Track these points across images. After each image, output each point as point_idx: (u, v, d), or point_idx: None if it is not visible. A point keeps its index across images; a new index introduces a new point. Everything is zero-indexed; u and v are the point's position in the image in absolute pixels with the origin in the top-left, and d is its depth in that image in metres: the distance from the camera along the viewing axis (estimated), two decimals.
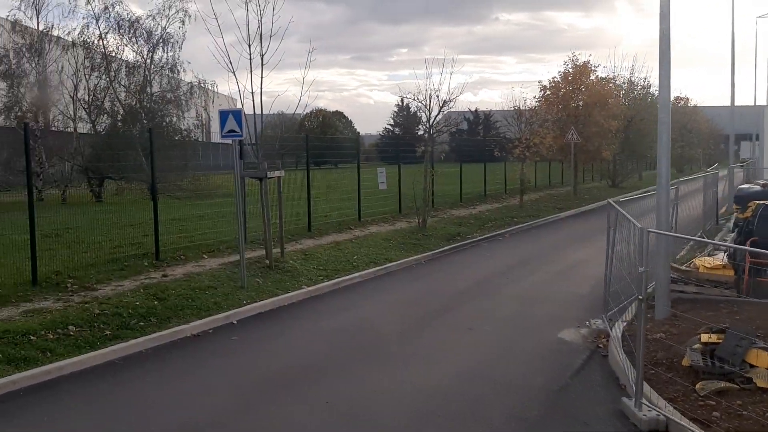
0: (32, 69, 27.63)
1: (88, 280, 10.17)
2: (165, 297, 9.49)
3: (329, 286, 11.38)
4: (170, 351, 7.97)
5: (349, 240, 15.11)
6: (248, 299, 10.04)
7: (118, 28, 27.57)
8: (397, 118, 78.06)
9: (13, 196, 21.27)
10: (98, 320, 8.36)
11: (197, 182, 27.41)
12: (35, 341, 7.53)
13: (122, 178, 26.27)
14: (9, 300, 9.03)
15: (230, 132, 10.40)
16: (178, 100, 29.02)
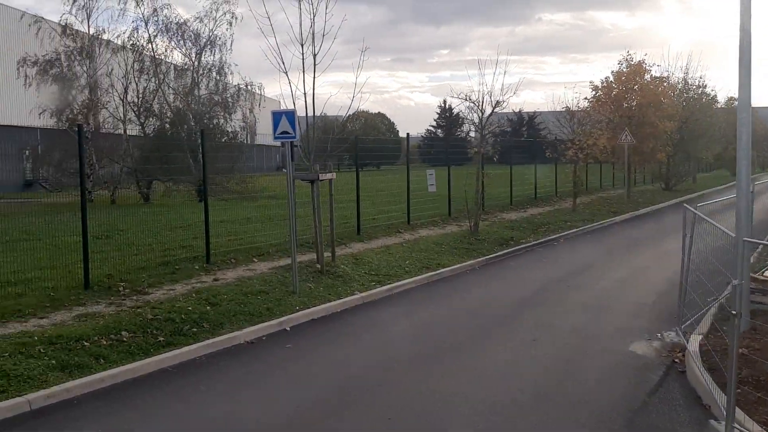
0: (83, 72, 28.06)
1: (140, 284, 10.03)
2: (217, 302, 9.27)
3: (382, 292, 11.04)
4: (224, 359, 7.72)
5: (399, 244, 14.75)
6: (301, 305, 9.76)
7: (167, 31, 27.87)
8: (439, 119, 77.59)
9: (65, 197, 21.58)
10: (151, 326, 8.17)
11: (244, 184, 27.46)
12: (88, 347, 7.37)
13: (170, 180, 26.48)
14: (62, 304, 8.93)
15: (283, 133, 10.15)
16: (225, 102, 29.15)
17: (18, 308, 8.51)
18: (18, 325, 7.97)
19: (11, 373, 6.52)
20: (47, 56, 27.14)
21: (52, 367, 6.82)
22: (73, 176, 27.80)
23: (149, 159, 26.57)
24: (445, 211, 19.57)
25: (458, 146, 40.02)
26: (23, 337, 7.41)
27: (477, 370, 7.26)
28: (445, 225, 18.06)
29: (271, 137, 10.22)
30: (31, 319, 8.23)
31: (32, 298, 9.03)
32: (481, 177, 17.08)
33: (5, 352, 6.92)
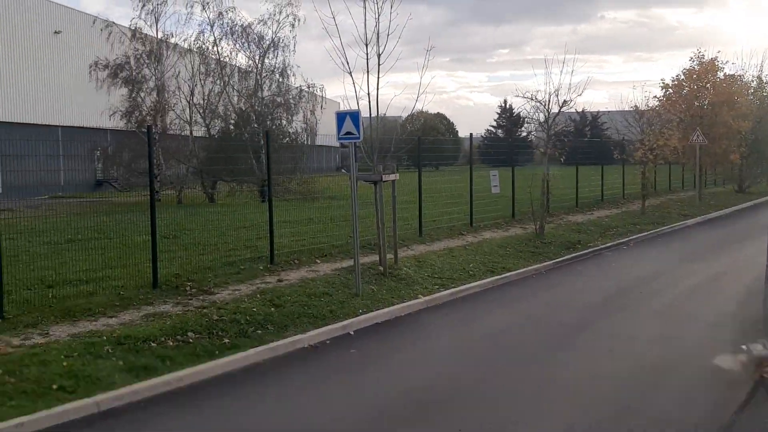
0: (151, 75, 28.80)
1: (206, 284, 10.08)
2: (281, 303, 9.22)
3: (446, 296, 10.78)
4: (289, 363, 7.64)
5: (463, 246, 14.45)
6: (364, 308, 9.61)
7: (231, 34, 28.30)
8: (499, 119, 76.67)
9: (133, 197, 22.15)
10: (216, 327, 8.16)
11: (305, 184, 27.64)
12: (155, 348, 7.39)
13: (233, 181, 26.88)
14: (131, 303, 9.04)
15: (347, 134, 10.03)
16: (287, 103, 29.39)
17: (88, 307, 8.65)
18: (88, 324, 8.08)
19: (80, 374, 6.57)
20: (117, 60, 27.97)
21: (119, 368, 6.85)
22: (141, 176, 28.55)
23: (214, 160, 27.04)
24: (508, 213, 19.15)
25: (520, 146, 39.29)
26: (92, 337, 7.49)
27: (549, 382, 6.94)
28: (509, 227, 17.64)
29: (331, 138, 10.14)
30: (101, 318, 8.34)
31: (102, 296, 9.18)
32: (547, 178, 16.58)
33: (75, 352, 7.01)
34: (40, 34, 34.18)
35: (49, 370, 6.56)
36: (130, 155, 28.34)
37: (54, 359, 6.78)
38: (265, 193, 24.65)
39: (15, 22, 32.73)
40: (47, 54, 34.55)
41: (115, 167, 30.17)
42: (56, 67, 34.88)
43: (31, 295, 9.06)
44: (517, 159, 20.26)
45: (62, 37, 35.30)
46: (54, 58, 34.86)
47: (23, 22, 33.20)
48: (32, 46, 33.62)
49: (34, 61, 33.68)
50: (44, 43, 34.40)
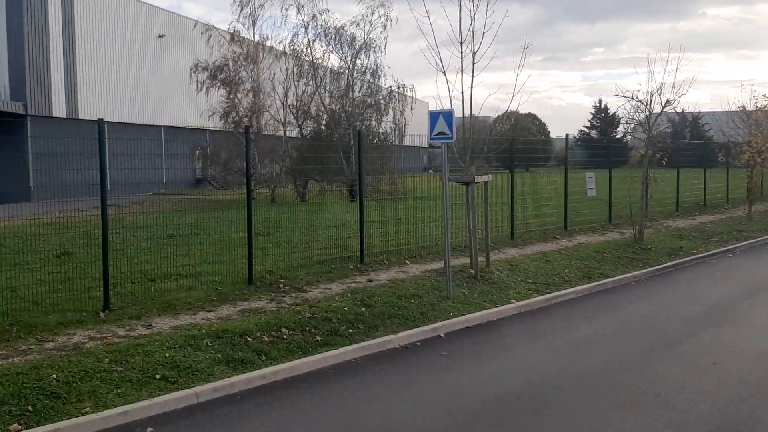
0: (248, 77, 29.70)
1: (298, 282, 10.25)
2: (372, 303, 9.23)
3: (540, 302, 10.49)
4: (379, 362, 7.63)
5: (557, 251, 14.03)
6: (455, 311, 9.48)
7: (325, 36, 28.77)
8: (594, 120, 74.40)
9: (230, 195, 22.92)
10: (309, 324, 8.26)
11: (393, 185, 27.75)
12: (251, 343, 7.56)
13: (324, 180, 27.34)
14: (228, 298, 9.30)
15: (439, 134, 9.93)
16: (378, 104, 29.60)
17: (188, 301, 8.97)
18: (188, 317, 8.37)
19: (181, 365, 6.80)
20: (216, 62, 29.02)
21: (218, 361, 7.05)
22: (237, 175, 29.56)
23: (306, 160, 27.58)
24: (604, 216, 18.48)
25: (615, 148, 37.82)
26: (192, 330, 7.75)
27: (650, 394, 6.58)
28: (605, 232, 17.01)
29: (419, 138, 10.11)
30: (200, 312, 8.62)
31: (201, 291, 9.50)
32: (648, 181, 15.86)
33: (176, 344, 7.26)
34: (145, 38, 36.00)
35: (153, 360, 6.82)
36: (227, 154, 29.38)
37: (157, 350, 7.05)
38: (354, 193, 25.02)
39: (123, 26, 34.61)
40: (151, 57, 36.35)
41: (213, 166, 31.38)
42: (159, 69, 36.64)
43: (134, 288, 9.49)
44: (613, 161, 19.48)
45: (165, 40, 37.05)
46: (157, 61, 36.64)
47: (130, 27, 35.06)
48: (138, 49, 35.46)
49: (140, 64, 35.53)
50: (149, 46, 36.21)
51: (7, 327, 7.49)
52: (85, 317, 8.05)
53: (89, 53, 32.52)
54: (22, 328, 7.53)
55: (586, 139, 68.44)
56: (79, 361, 6.57)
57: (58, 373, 6.30)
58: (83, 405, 5.88)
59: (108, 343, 7.17)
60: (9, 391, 5.91)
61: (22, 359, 6.65)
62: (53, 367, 6.41)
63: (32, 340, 7.25)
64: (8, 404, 5.73)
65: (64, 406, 5.83)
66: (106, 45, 33.57)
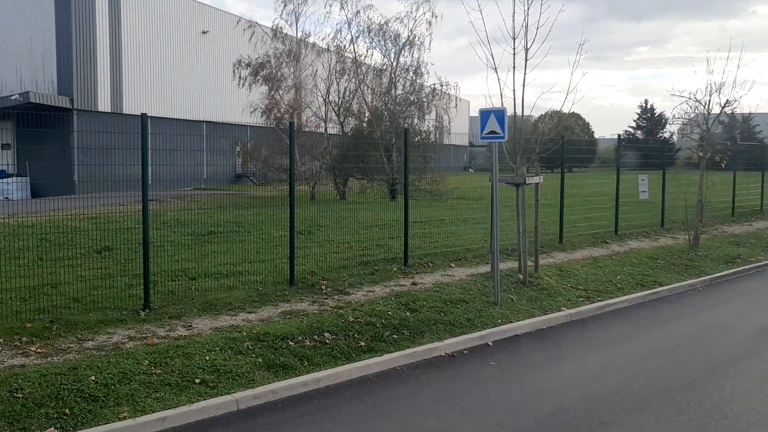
0: (290, 73, 29.61)
1: (340, 284, 9.96)
2: (417, 308, 8.89)
3: (592, 310, 10.01)
4: (425, 371, 7.28)
5: (608, 256, 13.47)
6: (503, 318, 9.08)
7: (368, 32, 28.50)
8: (639, 120, 72.82)
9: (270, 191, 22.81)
10: (352, 328, 7.97)
11: (436, 184, 27.31)
12: (293, 347, 7.29)
13: (364, 178, 27.06)
14: (269, 299, 9.06)
15: (490, 133, 9.53)
16: (420, 101, 29.20)
17: (229, 301, 8.76)
18: (228, 318, 8.15)
19: (221, 369, 6.57)
20: (259, 59, 29.01)
21: (258, 366, 6.80)
22: (277, 171, 29.53)
23: (346, 157, 27.35)
24: (655, 220, 17.79)
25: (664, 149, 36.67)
26: (233, 332, 7.52)
27: (717, 416, 6.10)
28: (658, 237, 16.34)
29: (459, 136, 9.68)
30: (241, 313, 8.39)
31: (242, 291, 9.28)
32: (706, 184, 15.14)
33: (216, 347, 7.03)
34: (189, 34, 36.24)
35: (192, 363, 6.60)
36: (268, 151, 29.36)
37: (197, 352, 6.83)
38: (395, 192, 24.70)
39: (168, 22, 34.89)
40: (194, 53, 36.58)
41: (253, 162, 31.40)
42: (202, 65, 36.85)
43: (175, 286, 9.33)
44: (662, 163, 18.72)
45: (208, 36, 37.24)
46: (200, 57, 36.85)
47: (175, 23, 35.32)
48: (182, 45, 35.71)
49: (183, 60, 35.78)
50: (192, 42, 36.44)
51: (47, 324, 7.37)
52: (125, 316, 7.90)
53: (134, 48, 32.86)
54: (62, 325, 7.40)
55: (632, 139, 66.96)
56: (118, 362, 6.39)
57: (97, 374, 6.12)
58: (121, 409, 5.68)
59: (147, 344, 6.98)
60: (47, 392, 5.74)
61: (61, 358, 6.49)
62: (92, 367, 6.24)
63: (72, 338, 7.11)
64: (45, 406, 5.56)
65: (101, 410, 5.64)
66: (151, 40, 33.88)
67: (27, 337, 6.99)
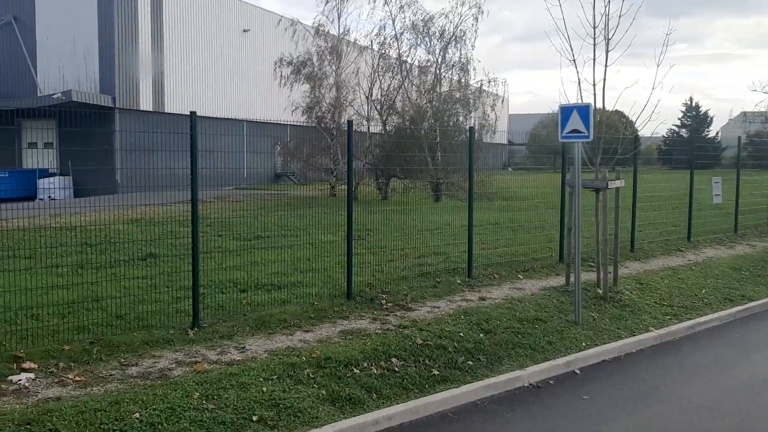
0: (332, 71, 28.87)
1: (401, 298, 9.08)
2: (490, 329, 7.97)
3: (682, 330, 8.96)
4: (510, 406, 6.36)
5: (686, 266, 12.35)
6: (587, 340, 8.11)
7: (413, 28, 27.57)
8: (684, 118, 70.61)
9: (311, 191, 22.12)
10: (422, 353, 7.09)
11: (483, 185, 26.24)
12: (358, 375, 6.44)
13: (407, 178, 26.15)
14: (325, 315, 8.23)
15: (572, 132, 8.55)
16: (466, 99, 28.18)
17: (283, 318, 7.95)
18: (284, 338, 7.35)
19: (281, 403, 5.75)
20: (300, 56, 28.34)
21: (322, 399, 5.96)
22: (318, 171, 28.84)
23: (389, 156, 26.50)
24: (726, 226, 16.54)
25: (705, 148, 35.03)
26: (290, 356, 6.70)
27: None
28: (733, 244, 15.11)
29: (498, 134, 8.73)
30: (297, 331, 7.58)
31: (296, 306, 8.47)
32: None
33: (274, 374, 6.22)
34: (230, 33, 35.78)
35: (249, 395, 5.79)
36: (309, 150, 28.69)
37: (253, 382, 6.03)
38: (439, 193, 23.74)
39: (209, 21, 34.48)
40: (235, 51, 36.11)
41: (294, 161, 30.78)
42: (243, 63, 36.38)
43: (225, 299, 8.56)
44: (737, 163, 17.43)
45: (249, 35, 36.75)
46: (241, 55, 36.37)
47: (216, 21, 34.90)
48: (223, 43, 35.26)
49: (224, 58, 35.32)
50: (233, 40, 35.97)
51: (87, 346, 6.64)
52: (172, 336, 7.14)
53: (176, 46, 32.50)
54: (103, 347, 6.67)
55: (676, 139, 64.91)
56: (165, 396, 5.61)
57: (142, 410, 5.35)
58: None
59: (198, 371, 6.20)
60: None
61: (101, 389, 5.74)
62: (136, 401, 5.47)
63: (114, 363, 6.37)
64: None
65: None
66: (193, 39, 33.50)
67: (65, 362, 6.27)
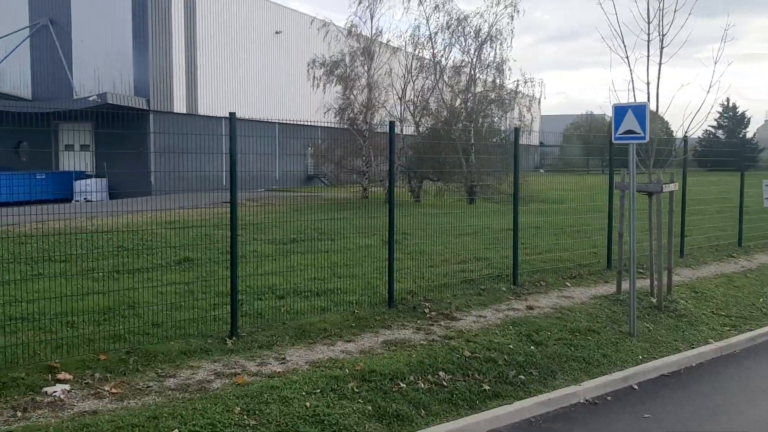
0: (364, 72, 28.62)
1: (445, 306, 8.72)
2: (541, 340, 7.57)
3: (743, 342, 8.47)
4: (566, 425, 5.98)
5: (740, 273, 11.78)
6: (644, 353, 7.67)
7: (447, 28, 27.21)
8: (720, 119, 69.18)
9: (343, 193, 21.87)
10: (471, 367, 6.72)
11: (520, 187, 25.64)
12: (405, 390, 6.10)
13: (440, 180, 25.76)
14: (367, 324, 7.90)
15: (627, 133, 8.11)
16: (501, 99, 27.70)
17: (323, 327, 7.64)
18: (325, 348, 7.04)
19: (326, 420, 5.43)
20: (333, 57, 28.16)
21: (368, 415, 5.64)
22: (349, 173, 28.61)
23: (422, 158, 26.16)
24: None
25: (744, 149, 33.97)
26: (333, 368, 6.39)
27: None
28: None
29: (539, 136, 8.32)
30: (338, 341, 7.27)
31: (336, 314, 8.15)
32: None
33: (317, 388, 5.91)
34: (262, 34, 35.76)
35: (291, 410, 5.49)
36: (342, 151, 28.49)
37: (295, 396, 5.73)
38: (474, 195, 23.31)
39: (241, 23, 34.48)
40: (267, 53, 36.08)
41: (325, 163, 30.61)
42: (275, 65, 36.33)
43: (263, 306, 8.28)
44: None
45: (281, 36, 36.70)
46: (273, 57, 36.33)
47: (248, 23, 34.89)
48: (255, 45, 35.25)
49: (256, 60, 35.31)
50: (265, 42, 35.95)
51: (123, 356, 6.40)
52: (210, 345, 6.88)
53: (208, 49, 32.56)
54: (140, 357, 6.43)
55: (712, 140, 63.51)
56: (205, 410, 5.34)
57: (181, 425, 5.08)
58: None
59: (238, 384, 5.92)
60: None
61: (139, 402, 5.49)
62: (175, 416, 5.21)
63: (151, 374, 6.12)
64: None
65: None
66: (225, 41, 33.53)
67: (101, 373, 6.04)
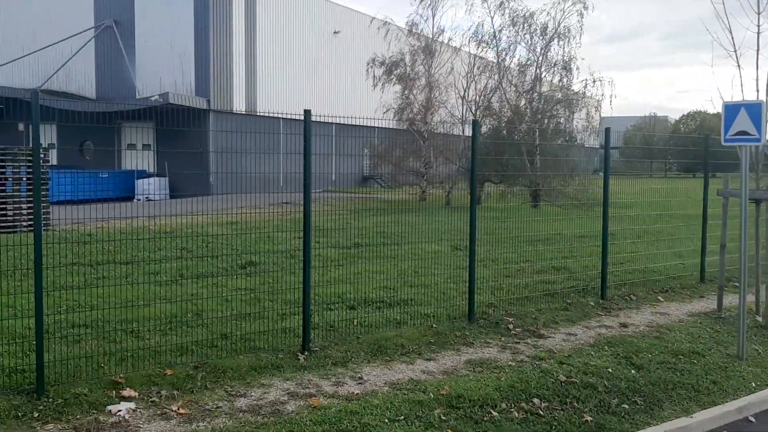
0: (424, 71, 28.04)
1: (530, 322, 8.05)
2: (642, 364, 6.82)
3: None
4: None
5: None
6: (756, 379, 6.82)
7: (513, 25, 26.37)
8: None
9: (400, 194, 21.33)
10: (568, 393, 6.04)
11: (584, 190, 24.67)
12: (497, 419, 5.47)
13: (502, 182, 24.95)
14: (447, 340, 7.31)
15: (739, 134, 7.29)
16: (569, 99, 26.67)
17: (400, 343, 7.08)
18: (404, 367, 6.48)
19: None
20: (393, 56, 27.67)
21: None
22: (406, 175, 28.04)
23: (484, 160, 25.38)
24: None
25: None
26: (416, 391, 5.82)
27: None
28: None
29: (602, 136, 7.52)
30: (417, 359, 6.70)
31: (412, 328, 7.58)
32: None
33: (400, 414, 5.35)
34: (321, 35, 35.56)
35: None
36: (400, 152, 27.95)
37: (378, 423, 5.17)
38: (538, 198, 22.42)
39: (300, 23, 34.34)
40: (326, 53, 35.86)
41: (383, 164, 30.14)
42: (333, 65, 36.09)
43: (334, 318, 7.77)
44: None
45: (340, 36, 36.44)
46: (332, 57, 36.10)
47: (307, 23, 34.73)
48: (314, 45, 35.07)
49: (315, 60, 35.12)
50: (324, 42, 35.74)
51: (191, 371, 5.97)
52: (281, 360, 6.39)
53: (268, 49, 32.53)
54: (208, 372, 5.99)
55: None
56: None
57: None
58: None
59: (314, 407, 5.41)
60: None
61: (208, 425, 5.03)
62: None
63: (220, 392, 5.66)
64: None
65: None
66: (284, 41, 33.47)
67: (167, 389, 5.61)
